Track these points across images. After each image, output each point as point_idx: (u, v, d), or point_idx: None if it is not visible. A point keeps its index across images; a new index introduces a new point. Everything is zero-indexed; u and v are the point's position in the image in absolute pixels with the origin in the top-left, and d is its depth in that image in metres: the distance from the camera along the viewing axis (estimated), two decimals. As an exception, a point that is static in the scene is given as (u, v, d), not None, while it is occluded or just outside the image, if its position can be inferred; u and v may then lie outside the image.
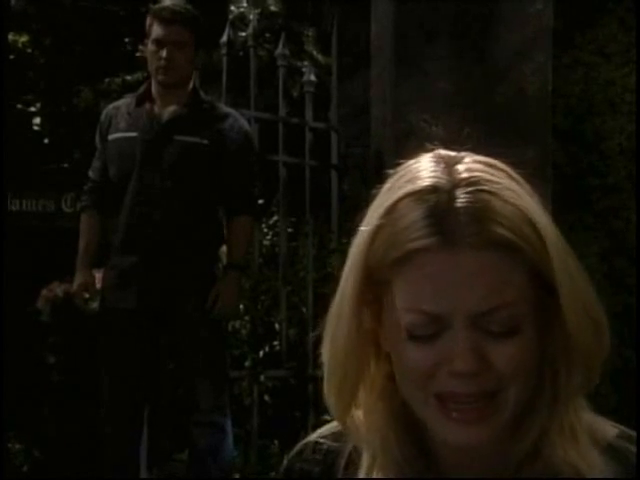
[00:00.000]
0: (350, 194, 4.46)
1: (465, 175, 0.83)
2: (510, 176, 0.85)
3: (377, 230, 0.83)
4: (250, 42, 4.05)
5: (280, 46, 4.08)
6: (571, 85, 2.47)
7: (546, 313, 0.83)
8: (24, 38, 7.48)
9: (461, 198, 0.81)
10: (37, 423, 4.44)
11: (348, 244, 0.88)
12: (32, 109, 7.62)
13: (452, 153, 0.86)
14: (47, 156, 7.39)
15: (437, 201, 0.81)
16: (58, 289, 4.65)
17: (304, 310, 4.17)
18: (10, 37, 7.29)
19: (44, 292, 4.71)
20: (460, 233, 0.80)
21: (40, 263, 5.80)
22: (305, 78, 4.16)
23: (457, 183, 0.82)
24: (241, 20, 6.04)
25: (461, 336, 0.80)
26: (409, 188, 0.83)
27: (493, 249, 0.80)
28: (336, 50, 4.31)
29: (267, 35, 5.98)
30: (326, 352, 0.87)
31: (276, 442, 4.18)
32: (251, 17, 4.82)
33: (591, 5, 2.52)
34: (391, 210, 0.83)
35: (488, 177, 0.83)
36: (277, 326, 4.23)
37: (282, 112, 4.03)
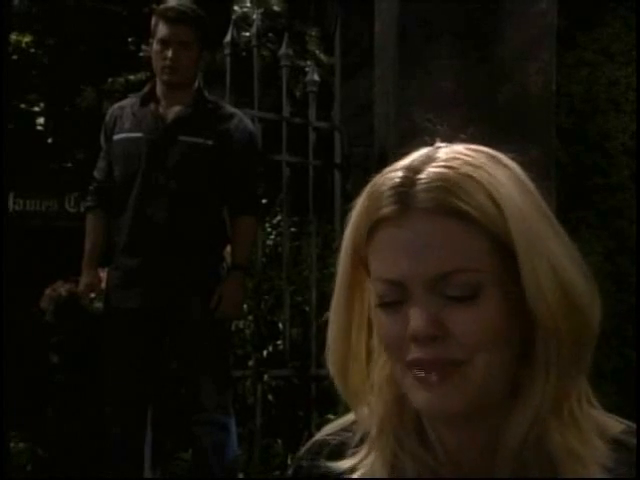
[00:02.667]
0: (353, 194, 4.46)
1: (439, 155, 0.87)
2: (492, 158, 0.88)
3: (358, 208, 0.88)
4: (253, 42, 4.05)
5: (283, 46, 4.08)
6: (575, 84, 2.47)
7: (515, 285, 0.84)
8: (27, 38, 7.49)
9: (424, 173, 0.85)
10: (41, 422, 4.44)
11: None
12: (35, 109, 7.64)
13: (447, 144, 0.90)
14: (50, 156, 7.40)
15: (403, 176, 0.86)
16: (62, 289, 4.66)
17: (307, 310, 4.17)
18: (13, 37, 7.29)
19: (48, 292, 4.71)
20: (416, 201, 0.84)
21: (43, 263, 5.81)
22: (308, 78, 4.16)
23: (427, 162, 0.86)
24: (244, 20, 6.04)
25: (418, 300, 0.83)
26: (388, 169, 0.88)
27: (447, 216, 0.83)
28: (339, 50, 4.31)
29: (270, 35, 5.98)
30: (330, 330, 0.91)
31: (279, 441, 4.19)
32: (254, 17, 4.82)
33: (595, 5, 2.52)
34: (370, 189, 0.88)
35: (459, 156, 0.87)
36: (280, 325, 4.23)
37: (285, 112, 4.03)
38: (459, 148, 0.88)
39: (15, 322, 4.07)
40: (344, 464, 0.92)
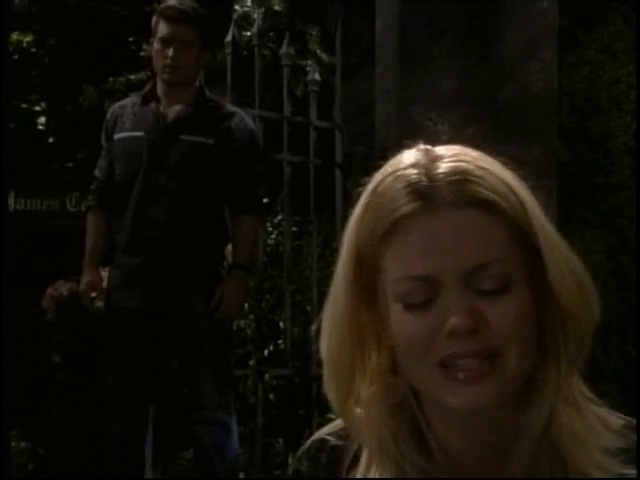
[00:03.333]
0: (354, 193, 4.46)
1: (441, 152, 0.87)
2: (488, 157, 0.88)
3: (363, 210, 0.86)
4: (254, 41, 4.05)
5: (284, 45, 4.08)
6: (576, 83, 2.47)
7: (536, 274, 0.85)
8: (28, 38, 7.50)
9: (440, 167, 0.85)
10: (42, 422, 4.44)
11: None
12: (36, 108, 7.64)
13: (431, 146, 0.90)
14: (51, 155, 7.40)
15: (417, 173, 0.85)
16: (63, 288, 4.66)
17: (308, 309, 4.17)
18: (14, 37, 7.30)
19: (49, 291, 4.72)
20: (439, 195, 0.83)
21: (44, 262, 5.81)
22: (309, 77, 4.16)
23: (434, 159, 0.86)
24: (245, 20, 6.05)
25: (454, 295, 0.83)
26: (390, 169, 0.87)
27: (473, 207, 0.83)
28: (340, 49, 4.31)
29: (271, 34, 5.99)
30: (323, 341, 0.89)
31: (281, 440, 4.19)
32: (255, 17, 4.82)
33: (596, 4, 2.52)
34: (375, 190, 0.86)
35: (464, 152, 0.87)
36: (281, 325, 4.23)
37: (286, 111, 4.03)
38: (454, 148, 0.88)
39: (16, 321, 4.07)
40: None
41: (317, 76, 4.14)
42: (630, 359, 2.55)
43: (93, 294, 3.38)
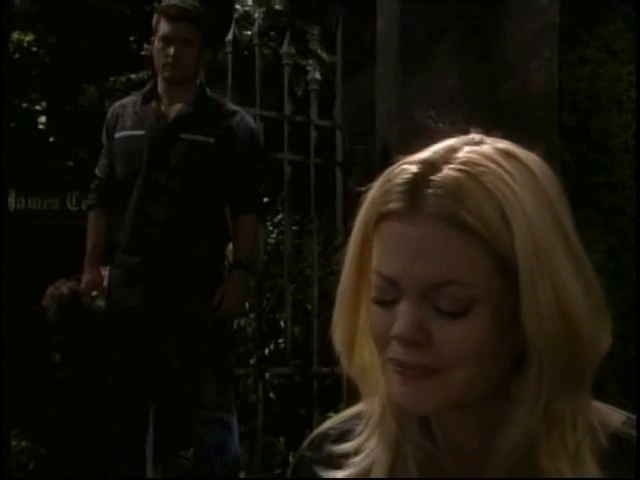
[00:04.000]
0: (355, 192, 4.46)
1: (461, 154, 0.84)
2: (520, 163, 0.85)
3: (372, 192, 0.87)
4: (255, 41, 4.05)
5: (285, 44, 4.08)
6: (577, 82, 2.47)
7: (513, 302, 0.82)
8: (29, 37, 7.49)
9: (440, 173, 0.83)
10: (43, 421, 4.44)
11: None
12: (37, 108, 7.64)
13: (481, 137, 0.87)
14: (52, 154, 7.40)
15: (418, 172, 0.83)
16: (64, 287, 4.67)
17: (309, 308, 4.17)
18: (15, 36, 7.30)
19: (50, 290, 4.72)
20: (425, 204, 0.82)
21: (45, 261, 5.81)
22: (310, 76, 4.16)
23: (447, 160, 0.84)
24: (246, 19, 6.05)
25: (407, 303, 0.83)
26: (408, 158, 0.86)
27: (452, 226, 0.81)
28: (341, 48, 4.31)
29: (272, 34, 5.99)
30: (337, 308, 0.91)
31: (281, 439, 4.19)
32: (256, 16, 4.82)
33: (596, 2, 2.52)
34: (386, 176, 0.86)
35: (482, 160, 0.83)
36: (282, 324, 4.23)
37: (287, 110, 4.03)
38: (484, 150, 0.85)
39: (17, 321, 4.07)
40: (346, 446, 0.92)
41: (318, 75, 4.14)
42: (632, 359, 2.54)
43: (94, 293, 3.39)
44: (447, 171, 0.82)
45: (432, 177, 0.82)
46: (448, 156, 0.84)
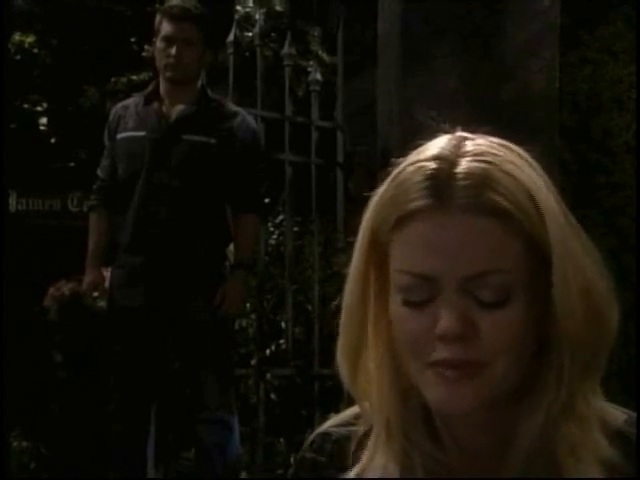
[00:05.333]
0: (356, 192, 4.47)
1: (470, 148, 0.84)
2: (519, 155, 0.86)
3: (382, 195, 0.85)
4: (256, 42, 4.06)
5: (286, 46, 4.08)
6: (578, 83, 2.47)
7: (542, 288, 0.83)
8: (30, 38, 7.50)
9: (462, 166, 0.83)
10: (44, 421, 4.45)
11: (354, 242, 0.89)
12: (38, 109, 7.65)
13: (468, 134, 0.87)
14: (53, 155, 7.41)
15: (438, 167, 0.83)
16: (65, 287, 4.67)
17: (310, 309, 4.17)
18: (16, 37, 7.31)
19: (51, 290, 4.72)
20: (455, 197, 0.81)
21: (46, 262, 5.82)
22: (311, 77, 4.17)
23: (460, 154, 0.84)
24: (247, 20, 6.05)
25: (449, 299, 0.81)
26: (415, 158, 0.85)
27: (487, 215, 0.81)
28: (341, 49, 4.32)
29: (273, 35, 5.99)
30: (342, 317, 0.89)
31: (282, 440, 4.19)
32: (257, 17, 4.82)
33: (598, 3, 2.52)
34: (396, 176, 0.85)
35: (493, 151, 0.84)
36: (283, 324, 4.24)
37: (288, 111, 4.03)
38: (486, 142, 0.85)
39: (18, 321, 4.08)
40: (350, 473, 0.90)
41: (318, 76, 4.14)
42: (633, 359, 2.54)
43: (95, 293, 3.39)
44: (468, 163, 0.82)
45: (455, 170, 0.82)
46: (458, 150, 0.84)
